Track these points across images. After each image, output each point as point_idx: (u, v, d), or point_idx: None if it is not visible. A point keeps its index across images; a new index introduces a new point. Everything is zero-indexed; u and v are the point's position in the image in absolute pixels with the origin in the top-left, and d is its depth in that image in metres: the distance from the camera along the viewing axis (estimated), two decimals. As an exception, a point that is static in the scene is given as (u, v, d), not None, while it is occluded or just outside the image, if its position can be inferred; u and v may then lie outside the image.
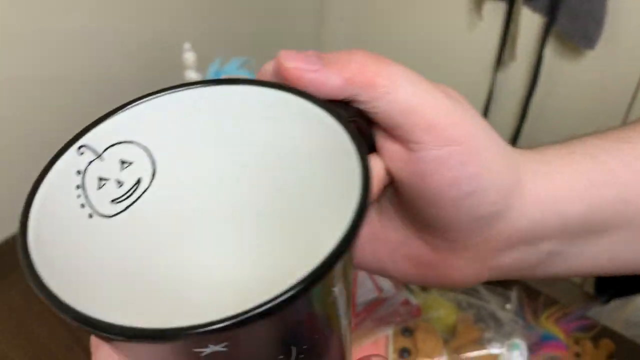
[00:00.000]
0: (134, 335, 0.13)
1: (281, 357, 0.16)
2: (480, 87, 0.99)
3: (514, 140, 0.98)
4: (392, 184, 0.22)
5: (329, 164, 0.18)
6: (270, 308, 0.13)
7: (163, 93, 0.19)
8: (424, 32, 1.03)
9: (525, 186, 0.22)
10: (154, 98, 0.19)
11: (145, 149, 0.19)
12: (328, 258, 0.14)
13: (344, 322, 0.18)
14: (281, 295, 0.13)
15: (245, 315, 0.13)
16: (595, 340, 0.49)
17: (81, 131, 0.18)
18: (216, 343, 0.13)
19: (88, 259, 0.18)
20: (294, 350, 0.16)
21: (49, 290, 0.14)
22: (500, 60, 0.94)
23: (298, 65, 0.19)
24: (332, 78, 0.19)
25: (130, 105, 0.19)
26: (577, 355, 0.47)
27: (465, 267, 0.23)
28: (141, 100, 0.19)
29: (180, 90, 0.19)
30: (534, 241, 0.23)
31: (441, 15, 0.97)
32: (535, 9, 0.87)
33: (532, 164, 0.22)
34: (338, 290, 0.16)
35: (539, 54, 0.89)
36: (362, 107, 0.20)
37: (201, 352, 0.14)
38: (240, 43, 0.90)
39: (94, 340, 0.18)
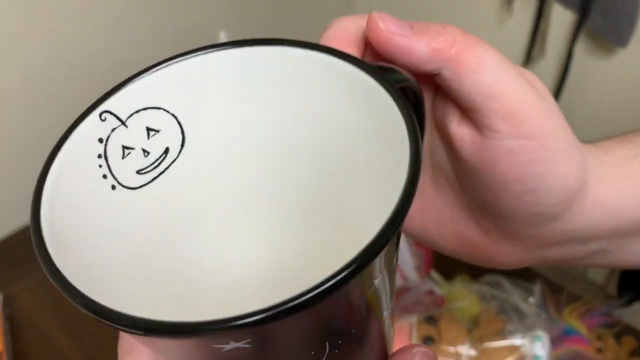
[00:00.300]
0: (148, 328, 0.12)
1: (313, 353, 0.14)
2: (508, 83, 0.98)
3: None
4: (454, 163, 0.22)
5: (374, 138, 0.16)
6: (299, 304, 0.11)
7: (192, 54, 0.17)
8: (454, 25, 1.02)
9: (588, 191, 0.21)
10: (182, 60, 0.17)
11: (174, 116, 0.18)
12: (371, 245, 0.12)
13: (385, 314, 0.17)
14: (312, 290, 0.11)
15: (271, 312, 0.11)
16: (618, 337, 0.49)
17: (103, 95, 0.17)
18: (238, 340, 0.12)
19: (106, 235, 0.16)
20: (327, 345, 0.14)
21: (60, 274, 0.13)
22: (529, 57, 0.94)
23: (389, 27, 0.18)
24: (420, 47, 0.18)
25: (157, 68, 0.17)
26: (599, 350, 0.47)
27: (512, 253, 0.23)
28: (168, 63, 0.17)
29: (211, 52, 0.17)
30: (585, 241, 0.23)
31: (471, 10, 0.97)
32: (566, 5, 0.86)
33: (600, 169, 0.22)
34: (380, 281, 0.14)
35: (569, 50, 0.89)
36: (444, 83, 0.19)
37: (222, 347, 0.12)
38: (273, 33, 0.91)
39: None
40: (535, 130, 0.19)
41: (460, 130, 0.20)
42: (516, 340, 0.44)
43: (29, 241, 0.52)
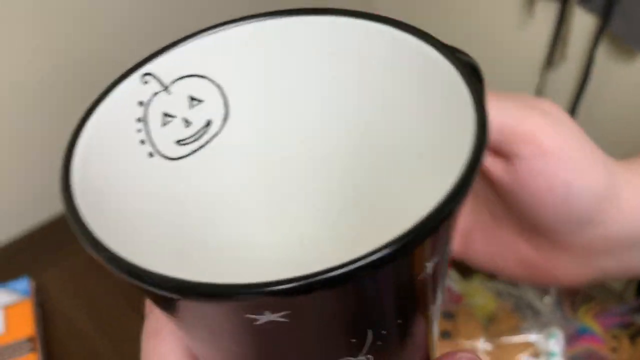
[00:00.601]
0: (184, 289, 0.11)
1: (354, 340, 0.13)
2: (528, 86, 0.99)
3: (559, 141, 0.97)
4: (496, 191, 0.24)
5: (437, 116, 0.15)
6: (348, 272, 0.10)
7: (246, 21, 0.16)
8: (474, 29, 1.03)
9: (621, 195, 0.23)
10: (234, 26, 0.16)
11: (219, 87, 0.17)
12: (432, 215, 0.11)
13: (432, 310, 0.15)
14: (364, 257, 0.10)
15: (316, 278, 0.10)
16: (633, 337, 0.49)
17: (147, 57, 0.16)
18: (274, 310, 0.11)
19: (140, 203, 0.15)
20: (370, 334, 0.13)
21: (93, 235, 0.12)
22: (550, 60, 0.94)
23: None
24: None
25: (206, 33, 0.16)
26: (614, 350, 0.47)
27: (569, 267, 0.24)
28: (219, 28, 0.16)
29: (267, 19, 0.16)
30: (635, 247, 0.24)
31: (493, 13, 0.98)
32: (588, 9, 0.86)
33: (627, 174, 0.24)
34: (432, 266, 0.13)
35: (590, 55, 0.89)
36: None
37: (255, 319, 0.11)
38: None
39: (149, 306, 0.18)
40: (551, 145, 0.22)
41: (490, 163, 0.23)
42: (531, 337, 0.45)
43: (58, 231, 0.54)
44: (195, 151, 0.17)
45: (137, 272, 0.11)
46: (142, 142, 0.16)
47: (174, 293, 0.11)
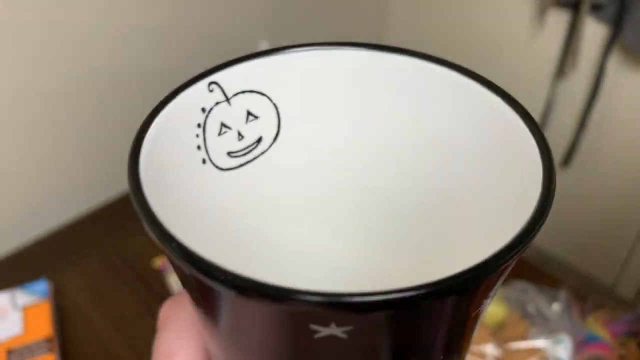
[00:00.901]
0: (256, 288, 0.11)
1: None
2: (540, 95, 0.99)
3: (571, 151, 0.98)
4: None
5: (502, 164, 0.15)
6: (431, 292, 0.11)
7: (314, 47, 0.17)
8: (486, 38, 1.04)
9: None
10: (302, 51, 0.17)
11: (275, 107, 0.17)
12: (503, 252, 0.11)
13: (467, 348, 0.15)
14: (450, 279, 0.11)
15: (405, 294, 0.10)
16: (641, 345, 0.50)
17: (216, 67, 0.16)
18: (340, 324, 0.11)
19: (190, 205, 0.16)
20: None
21: (162, 226, 0.12)
22: (561, 70, 0.95)
23: None
24: None
25: (275, 53, 0.17)
26: (622, 357, 0.48)
27: None
28: (288, 50, 0.17)
29: (335, 49, 0.17)
30: None
31: (504, 22, 0.98)
32: (600, 19, 0.87)
33: None
34: (487, 304, 0.13)
35: (601, 64, 0.89)
36: None
37: (318, 331, 0.11)
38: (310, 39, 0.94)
39: (163, 322, 0.17)
40: None
41: None
42: (539, 343, 0.46)
43: (75, 234, 0.56)
44: (242, 165, 0.17)
45: (206, 266, 0.11)
46: (199, 147, 0.16)
47: (246, 292, 0.11)
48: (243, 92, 0.17)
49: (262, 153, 0.18)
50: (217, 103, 0.16)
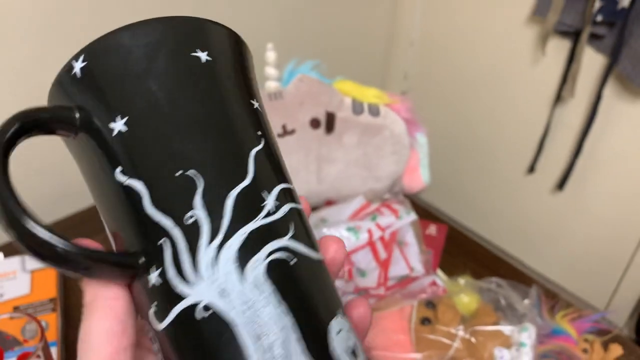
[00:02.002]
0: None
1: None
2: (538, 120, 1.03)
3: (566, 175, 1.01)
4: None
5: None
6: None
7: None
8: (489, 63, 1.08)
9: None
10: None
11: None
12: None
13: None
14: None
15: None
16: (606, 343, 0.52)
17: None
18: None
19: None
20: None
21: None
22: (559, 96, 0.98)
23: None
24: None
25: None
26: (585, 351, 0.50)
27: None
28: None
29: None
30: None
31: (508, 48, 1.03)
32: (599, 48, 0.91)
33: None
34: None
35: (598, 92, 0.93)
36: None
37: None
38: (315, 48, 0.99)
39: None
40: None
41: None
42: (506, 330, 0.48)
43: (84, 219, 0.60)
44: None
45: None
46: None
47: None
48: None
49: None
50: None
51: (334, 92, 0.60)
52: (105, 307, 0.18)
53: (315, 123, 0.61)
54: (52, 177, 0.76)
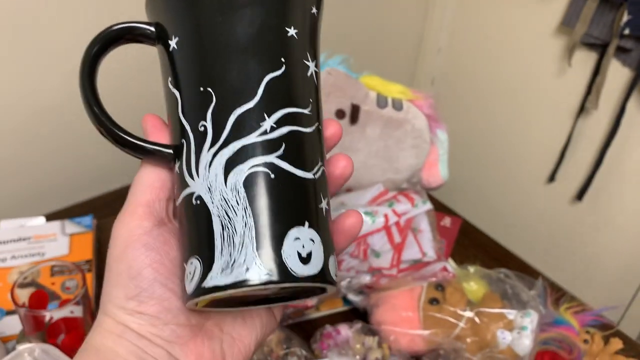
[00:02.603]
0: None
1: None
2: (560, 129, 1.04)
3: (585, 186, 1.02)
4: None
5: None
6: None
7: None
8: (514, 71, 1.10)
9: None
10: None
11: None
12: None
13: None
14: None
15: None
16: (607, 337, 0.55)
17: None
18: None
19: None
20: None
21: None
22: (583, 107, 1.00)
23: None
24: None
25: None
26: (585, 342, 0.53)
27: None
28: None
29: None
30: None
31: (534, 58, 1.05)
32: (625, 62, 0.92)
33: None
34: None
35: (622, 105, 0.94)
36: None
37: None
38: (345, 43, 1.02)
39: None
40: None
41: None
42: (509, 314, 0.51)
43: (121, 194, 0.65)
44: None
45: None
46: None
47: None
48: None
49: None
50: None
51: (360, 85, 0.64)
52: (150, 168, 0.25)
53: (340, 113, 0.65)
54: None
